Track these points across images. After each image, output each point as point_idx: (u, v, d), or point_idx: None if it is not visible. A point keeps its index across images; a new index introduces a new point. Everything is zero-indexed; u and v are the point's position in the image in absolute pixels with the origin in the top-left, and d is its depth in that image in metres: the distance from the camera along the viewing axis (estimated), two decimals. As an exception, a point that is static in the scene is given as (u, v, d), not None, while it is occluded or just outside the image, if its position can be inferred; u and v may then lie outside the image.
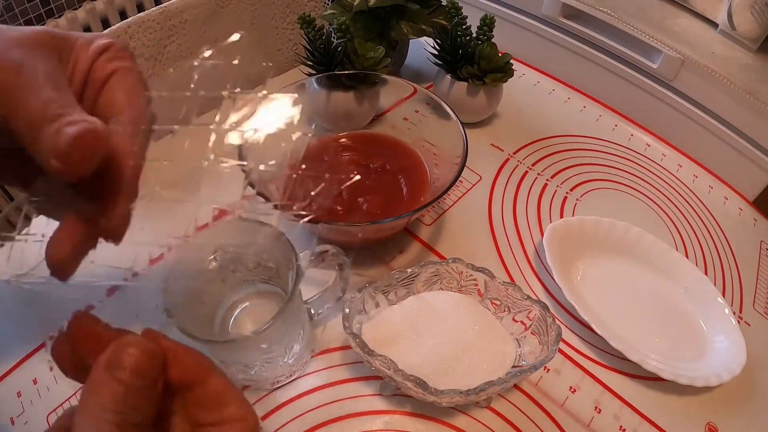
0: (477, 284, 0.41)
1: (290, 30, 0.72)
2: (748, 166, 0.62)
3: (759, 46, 0.67)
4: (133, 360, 0.18)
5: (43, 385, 0.40)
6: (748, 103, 0.59)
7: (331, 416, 0.38)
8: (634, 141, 0.65)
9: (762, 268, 0.54)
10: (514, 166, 0.59)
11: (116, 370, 0.18)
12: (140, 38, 0.56)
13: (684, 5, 0.73)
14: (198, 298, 0.36)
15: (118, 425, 0.17)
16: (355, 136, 0.54)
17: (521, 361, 0.38)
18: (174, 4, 0.59)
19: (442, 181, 0.46)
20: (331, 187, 0.24)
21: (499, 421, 0.39)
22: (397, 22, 0.60)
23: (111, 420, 0.17)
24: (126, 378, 0.18)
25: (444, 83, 0.60)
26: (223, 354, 0.36)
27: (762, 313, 0.50)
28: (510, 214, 0.54)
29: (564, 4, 0.73)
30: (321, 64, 0.55)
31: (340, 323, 0.37)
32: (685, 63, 0.64)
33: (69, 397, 0.39)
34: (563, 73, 0.74)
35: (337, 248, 0.37)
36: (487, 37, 0.58)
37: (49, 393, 0.39)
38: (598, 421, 0.40)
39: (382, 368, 0.35)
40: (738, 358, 0.42)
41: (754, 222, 0.59)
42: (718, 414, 0.41)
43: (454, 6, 0.58)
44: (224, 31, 0.65)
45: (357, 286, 0.39)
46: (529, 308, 0.39)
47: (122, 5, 1.09)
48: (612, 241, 0.50)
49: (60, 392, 0.39)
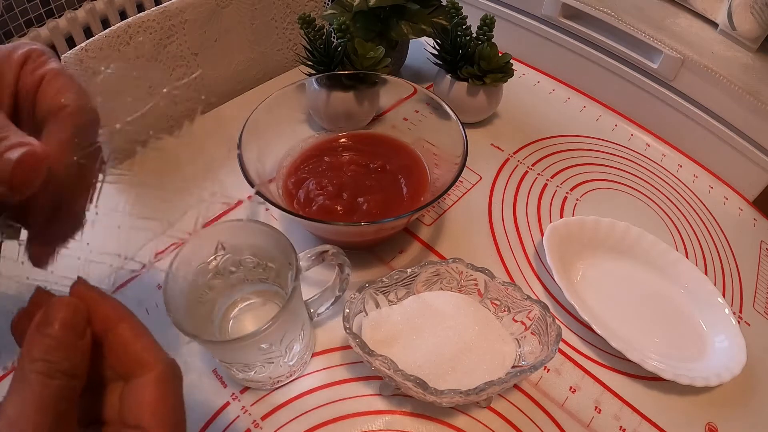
0: (477, 284, 0.41)
1: (290, 30, 0.72)
2: (748, 166, 0.62)
3: (759, 46, 0.67)
4: (59, 316, 0.20)
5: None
6: (748, 103, 0.59)
7: (331, 416, 0.38)
8: (634, 141, 0.65)
9: (762, 268, 0.54)
10: (514, 166, 0.59)
11: (44, 327, 0.19)
12: (140, 38, 0.56)
13: (684, 5, 0.73)
14: (198, 298, 0.36)
15: (47, 374, 0.19)
16: (355, 136, 0.54)
17: (521, 361, 0.38)
18: (174, 4, 0.59)
19: (442, 181, 0.46)
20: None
21: (499, 421, 0.39)
22: (397, 22, 0.60)
23: (39, 370, 0.19)
24: (53, 332, 0.19)
25: (444, 83, 0.60)
26: (223, 354, 0.36)
27: (762, 313, 0.50)
28: (510, 214, 0.54)
29: (564, 4, 0.73)
30: (321, 64, 0.55)
31: (340, 323, 0.37)
32: (685, 63, 0.64)
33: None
34: (563, 73, 0.74)
35: (337, 248, 0.37)
36: (487, 37, 0.58)
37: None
38: (598, 421, 0.40)
39: (382, 368, 0.35)
40: (738, 358, 0.42)
41: (754, 222, 0.59)
42: (718, 414, 0.41)
43: (454, 6, 0.58)
44: (224, 31, 0.65)
45: (357, 286, 0.39)
46: (529, 308, 0.39)
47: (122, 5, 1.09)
48: (612, 241, 0.50)
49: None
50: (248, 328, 0.38)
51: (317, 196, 0.46)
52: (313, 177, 0.48)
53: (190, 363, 0.41)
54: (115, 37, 0.54)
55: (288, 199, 0.47)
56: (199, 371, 0.40)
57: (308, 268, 0.37)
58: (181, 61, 0.62)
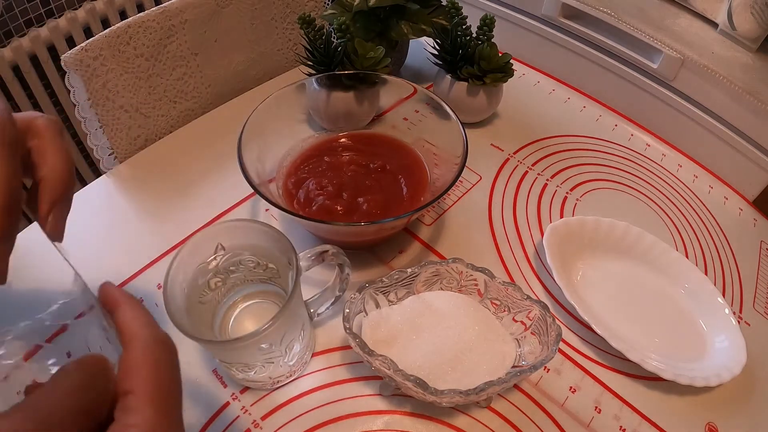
0: (477, 284, 0.41)
1: (290, 30, 0.72)
2: (748, 166, 0.62)
3: (759, 46, 0.67)
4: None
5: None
6: (748, 103, 0.59)
7: (331, 416, 0.38)
8: (634, 141, 0.65)
9: (762, 268, 0.54)
10: (514, 166, 0.59)
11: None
12: (140, 38, 0.56)
13: (684, 5, 0.73)
14: (198, 298, 0.36)
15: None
16: (355, 136, 0.54)
17: (521, 361, 0.38)
18: (174, 4, 0.59)
19: (442, 181, 0.46)
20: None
21: (499, 421, 0.39)
22: (397, 22, 0.60)
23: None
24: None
25: (444, 83, 0.60)
26: (223, 354, 0.36)
27: (762, 313, 0.50)
28: (510, 214, 0.54)
29: (564, 4, 0.72)
30: (321, 64, 0.55)
31: (340, 323, 0.37)
32: (685, 63, 0.64)
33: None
34: (563, 73, 0.74)
35: (337, 248, 0.37)
36: (487, 37, 0.58)
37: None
38: (598, 421, 0.40)
39: (382, 368, 0.35)
40: (738, 358, 0.42)
41: (754, 222, 0.59)
42: (718, 414, 0.41)
43: (454, 6, 0.58)
44: (224, 31, 0.65)
45: (357, 286, 0.39)
46: (529, 308, 0.39)
47: (122, 5, 1.09)
48: (612, 241, 0.50)
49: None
50: (248, 328, 0.38)
51: (317, 196, 0.46)
52: (313, 177, 0.48)
53: (190, 363, 0.41)
54: (115, 37, 0.54)
55: (288, 199, 0.47)
56: (199, 371, 0.40)
57: (308, 268, 0.37)
58: (181, 61, 0.62)
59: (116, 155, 0.59)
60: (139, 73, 0.58)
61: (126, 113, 0.58)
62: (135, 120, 0.59)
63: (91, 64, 0.53)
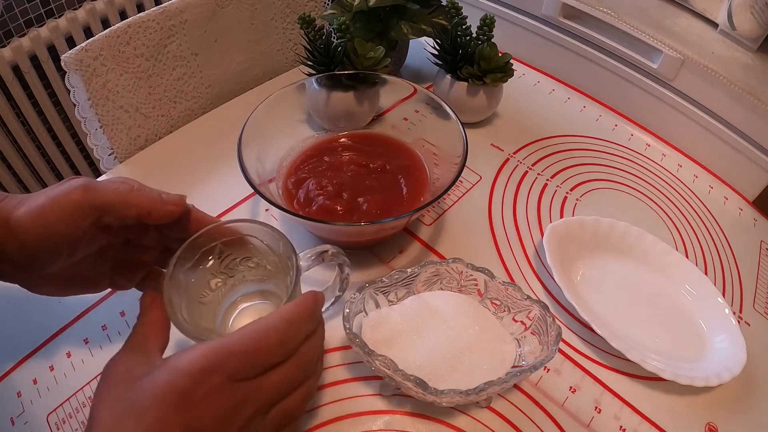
0: (477, 284, 0.41)
1: (290, 30, 0.72)
2: (748, 166, 0.62)
3: (759, 46, 0.67)
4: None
5: (43, 385, 0.40)
6: (748, 103, 0.59)
7: (331, 416, 0.38)
8: (634, 141, 0.65)
9: (762, 268, 0.54)
10: (514, 166, 0.59)
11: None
12: (140, 38, 0.56)
13: (684, 5, 0.73)
14: (198, 298, 0.36)
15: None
16: (355, 136, 0.54)
17: (521, 361, 0.38)
18: (174, 4, 0.59)
19: (442, 181, 0.46)
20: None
21: (499, 421, 0.39)
22: (397, 22, 0.60)
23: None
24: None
25: (444, 83, 0.60)
26: (223, 354, 0.36)
27: (762, 313, 0.50)
28: (510, 214, 0.54)
29: (564, 4, 0.72)
30: (321, 64, 0.55)
31: (340, 323, 0.37)
32: (685, 63, 0.63)
33: (68, 398, 0.39)
34: (563, 73, 0.74)
35: (337, 248, 0.37)
36: (487, 37, 0.58)
37: (49, 393, 0.39)
38: (598, 421, 0.40)
39: (382, 368, 0.35)
40: (738, 358, 0.42)
41: (754, 222, 0.59)
42: (718, 414, 0.41)
43: (454, 6, 0.58)
44: (224, 31, 0.65)
45: (357, 286, 0.39)
46: (529, 308, 0.39)
47: (122, 5, 1.09)
48: (612, 241, 0.50)
49: (60, 392, 0.39)
50: (248, 328, 0.38)
51: (317, 196, 0.46)
52: (313, 177, 0.48)
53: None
54: (115, 37, 0.54)
55: (288, 199, 0.47)
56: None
57: (308, 268, 0.37)
58: (181, 61, 0.62)
59: (116, 155, 0.59)
60: (139, 73, 0.58)
61: (126, 113, 0.58)
62: (135, 120, 0.59)
63: (91, 64, 0.53)
